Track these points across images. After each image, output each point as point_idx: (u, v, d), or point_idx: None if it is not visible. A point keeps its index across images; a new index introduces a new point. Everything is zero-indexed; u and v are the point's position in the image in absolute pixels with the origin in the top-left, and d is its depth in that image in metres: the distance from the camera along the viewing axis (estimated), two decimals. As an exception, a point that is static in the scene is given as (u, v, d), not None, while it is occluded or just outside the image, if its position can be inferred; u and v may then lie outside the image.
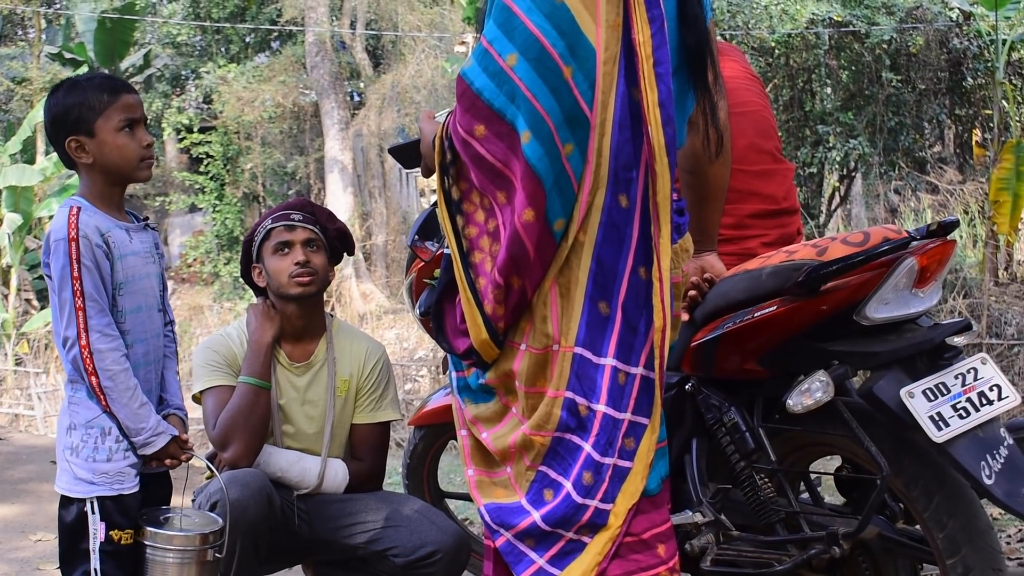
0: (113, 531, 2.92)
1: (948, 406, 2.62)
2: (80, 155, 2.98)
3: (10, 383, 15.39)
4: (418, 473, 4.16)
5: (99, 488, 2.93)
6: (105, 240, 2.94)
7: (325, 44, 21.44)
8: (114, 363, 2.91)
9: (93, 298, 2.90)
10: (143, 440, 2.95)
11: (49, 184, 18.88)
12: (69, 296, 2.89)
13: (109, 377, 2.90)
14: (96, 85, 3.01)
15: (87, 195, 3.02)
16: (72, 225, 2.90)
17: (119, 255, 2.97)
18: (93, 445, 2.95)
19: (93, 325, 2.90)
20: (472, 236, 2.63)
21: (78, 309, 2.89)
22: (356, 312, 19.24)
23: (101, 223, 2.95)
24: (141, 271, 3.05)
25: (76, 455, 2.96)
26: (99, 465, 2.94)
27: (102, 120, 2.97)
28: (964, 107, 15.18)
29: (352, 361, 3.68)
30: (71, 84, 3.03)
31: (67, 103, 2.99)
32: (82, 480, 2.94)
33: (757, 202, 3.41)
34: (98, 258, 2.92)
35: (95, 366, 2.90)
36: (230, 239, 23.13)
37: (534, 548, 2.61)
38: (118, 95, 3.00)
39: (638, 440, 2.57)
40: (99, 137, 2.97)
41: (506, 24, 2.44)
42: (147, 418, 2.95)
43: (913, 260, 2.68)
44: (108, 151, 2.98)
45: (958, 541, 2.67)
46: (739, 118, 3.41)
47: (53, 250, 2.92)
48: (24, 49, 26.64)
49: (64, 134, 2.98)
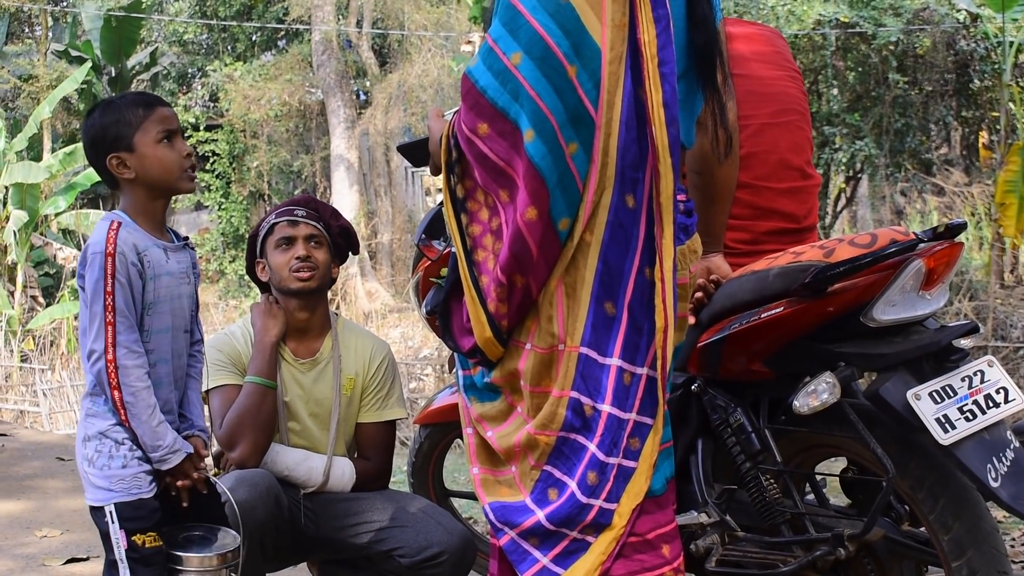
0: (135, 536, 2.94)
1: (955, 408, 2.62)
2: (122, 171, 3.00)
3: (16, 379, 15.41)
4: (423, 472, 4.17)
5: (116, 494, 2.94)
6: (140, 259, 2.95)
7: (331, 43, 21.44)
8: (138, 380, 2.92)
9: (124, 313, 2.92)
10: (159, 456, 2.96)
11: (55, 181, 18.91)
12: (100, 310, 2.90)
13: (131, 393, 2.91)
14: (130, 101, 3.04)
15: (129, 211, 3.03)
16: (111, 240, 2.92)
17: (153, 275, 2.98)
18: (108, 454, 2.96)
19: (121, 340, 2.91)
20: (476, 234, 2.64)
21: (108, 324, 2.90)
22: (361, 310, 19.25)
23: (139, 241, 2.96)
24: (173, 291, 3.05)
25: (92, 465, 2.97)
26: (115, 472, 2.95)
27: (140, 134, 2.98)
28: (971, 109, 15.17)
29: (357, 359, 3.68)
30: (106, 104, 3.06)
31: (104, 122, 3.01)
32: (100, 488, 2.96)
33: (777, 220, 3.37)
34: (131, 276, 2.93)
35: (119, 381, 2.91)
36: (236, 237, 23.15)
37: (538, 547, 2.61)
38: (153, 108, 3.02)
39: (643, 440, 2.57)
40: (139, 151, 2.98)
41: (511, 23, 2.44)
42: (164, 435, 2.96)
43: (920, 262, 2.68)
44: (149, 164, 2.99)
45: (963, 543, 2.67)
46: (775, 129, 3.39)
47: (90, 262, 2.93)
48: (31, 47, 26.70)
49: (104, 153, 3.00)
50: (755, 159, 3.34)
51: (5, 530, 5.74)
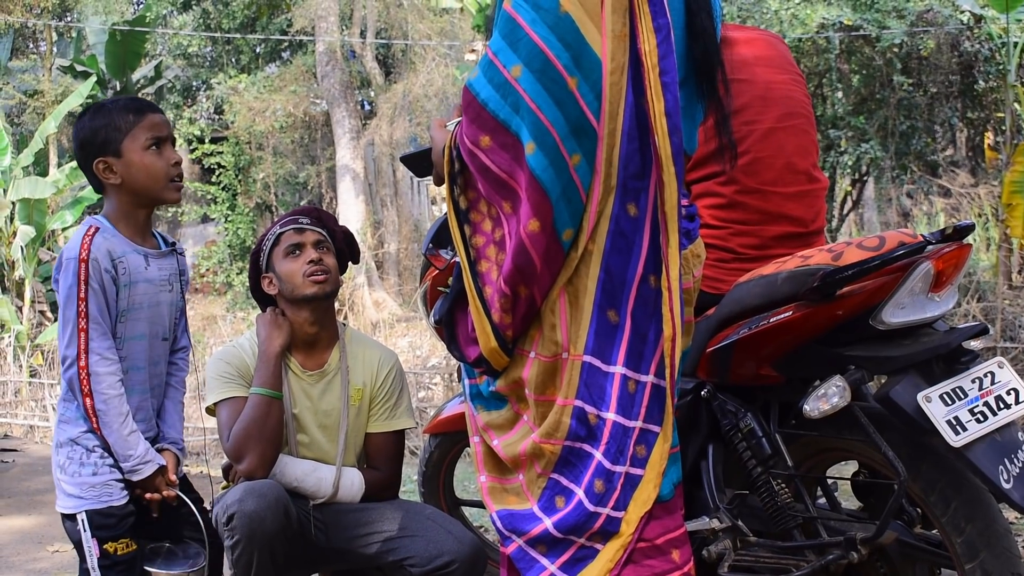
0: (107, 544, 2.93)
1: (965, 410, 2.61)
2: (108, 176, 2.99)
3: (25, 395, 15.40)
4: (434, 481, 4.17)
5: (87, 502, 2.94)
6: (115, 265, 2.93)
7: (335, 53, 21.47)
8: (110, 387, 2.91)
9: (97, 320, 2.91)
10: (130, 467, 2.96)
11: (62, 196, 18.90)
12: (73, 315, 2.89)
13: (103, 400, 2.90)
14: (122, 106, 3.02)
15: (111, 215, 3.02)
16: (84, 246, 2.91)
17: (128, 282, 2.97)
18: (79, 461, 2.95)
19: (94, 347, 2.90)
20: (479, 245, 2.63)
21: (80, 330, 2.89)
22: (369, 320, 19.24)
23: (116, 247, 2.95)
24: (152, 298, 3.04)
25: (64, 472, 2.97)
26: (85, 479, 2.94)
27: (129, 140, 2.97)
28: (976, 110, 15.14)
29: (365, 370, 3.68)
30: (97, 107, 3.04)
31: (94, 126, 3.00)
32: (72, 496, 2.96)
33: (785, 224, 3.36)
34: (105, 282, 2.92)
35: (91, 388, 2.90)
36: (243, 249, 23.15)
37: (546, 554, 2.61)
38: (144, 115, 3.01)
39: (650, 448, 2.56)
40: (126, 157, 2.98)
41: (511, 35, 2.44)
42: (136, 445, 2.95)
43: (929, 264, 2.68)
44: (135, 171, 2.98)
45: (976, 546, 2.67)
46: (781, 133, 3.38)
47: (64, 268, 2.93)
48: (36, 62, 26.75)
49: (92, 156, 2.99)
50: (762, 164, 3.34)
51: (17, 545, 5.75)
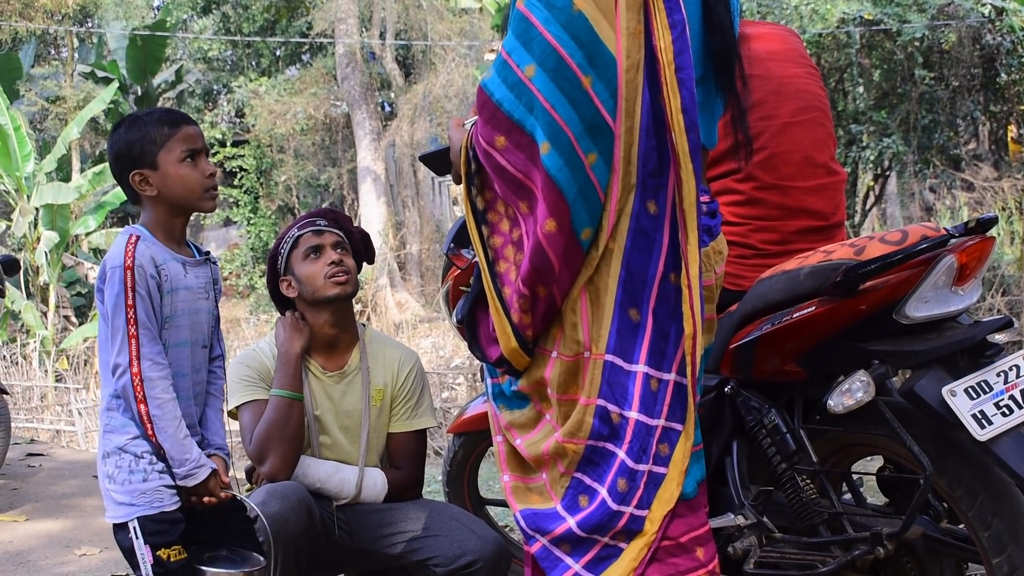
0: (160, 551, 2.93)
1: (991, 404, 2.60)
2: (144, 188, 3.00)
3: (51, 399, 15.49)
4: (458, 480, 4.17)
5: (139, 508, 2.93)
6: (158, 271, 2.95)
7: (355, 55, 21.53)
8: (163, 391, 2.92)
9: (146, 326, 2.92)
10: (186, 471, 2.95)
11: (85, 201, 19.03)
12: (122, 324, 2.90)
13: (158, 406, 2.91)
14: (156, 119, 3.03)
15: (148, 225, 3.03)
16: (129, 254, 2.92)
17: (170, 288, 2.98)
18: (128, 468, 2.95)
19: (145, 353, 2.91)
20: (497, 246, 2.63)
21: (131, 337, 2.90)
22: (392, 321, 19.27)
23: (157, 254, 2.96)
24: (191, 306, 3.05)
25: (113, 481, 2.97)
26: (136, 486, 2.94)
27: (164, 152, 2.99)
28: (998, 103, 15.08)
29: (386, 370, 3.69)
30: (132, 120, 3.06)
31: (129, 138, 3.01)
32: (123, 504, 2.95)
33: (805, 218, 3.34)
34: (151, 288, 2.93)
35: (145, 394, 2.90)
36: (265, 252, 23.21)
37: (570, 553, 2.60)
38: (178, 127, 3.02)
39: (672, 446, 2.55)
40: (162, 169, 2.99)
41: (524, 35, 2.43)
42: (191, 449, 2.96)
43: (952, 258, 2.66)
44: (171, 183, 3.00)
45: (1003, 539, 2.65)
46: (798, 127, 3.37)
47: (108, 277, 2.93)
48: (57, 68, 26.92)
49: (128, 169, 3.01)
50: (779, 159, 3.32)
51: (45, 549, 5.78)
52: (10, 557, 5.61)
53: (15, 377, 15.55)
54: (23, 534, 6.18)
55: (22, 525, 6.44)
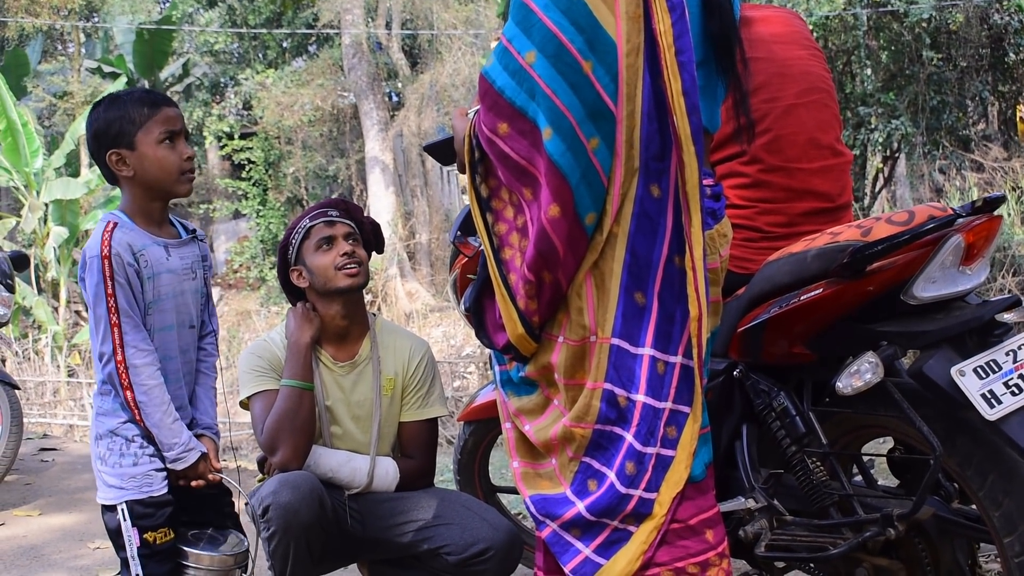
0: (147, 534, 2.95)
1: (1000, 383, 2.59)
2: (121, 168, 3.00)
3: (63, 394, 15.52)
4: (469, 468, 4.17)
5: (128, 492, 2.96)
6: (136, 258, 2.95)
7: (362, 46, 21.50)
8: (149, 377, 2.93)
9: (128, 313, 2.93)
10: (175, 455, 2.97)
11: (94, 196, 19.06)
12: (104, 312, 2.92)
13: (144, 392, 2.93)
14: (136, 99, 3.03)
15: (127, 210, 3.04)
16: (105, 242, 2.93)
17: (151, 274, 2.98)
18: (119, 451, 2.98)
19: (128, 340, 2.92)
20: (502, 233, 2.64)
21: (113, 325, 2.92)
22: (402, 311, 19.28)
23: (135, 240, 2.97)
24: (176, 288, 3.06)
25: (104, 463, 2.99)
26: (126, 470, 2.97)
27: (142, 133, 2.99)
28: (1007, 83, 15.00)
29: (396, 359, 3.69)
30: (112, 99, 3.06)
31: (108, 117, 3.01)
32: (112, 487, 2.98)
33: (811, 200, 3.34)
34: (129, 276, 2.94)
35: (130, 380, 2.92)
36: (275, 243, 23.23)
37: (580, 538, 2.62)
38: (158, 108, 3.02)
39: (680, 429, 2.56)
40: (140, 150, 2.99)
41: (524, 22, 2.44)
42: (179, 433, 2.98)
43: (959, 237, 2.65)
44: (148, 164, 2.99)
45: (1014, 519, 2.64)
46: (802, 109, 3.36)
47: (88, 267, 2.95)
48: (64, 64, 26.93)
49: (105, 148, 3.00)
50: (784, 141, 3.32)
51: (59, 543, 5.80)
52: (24, 551, 5.63)
53: (27, 372, 15.57)
54: (37, 528, 6.20)
55: (36, 519, 6.47)
